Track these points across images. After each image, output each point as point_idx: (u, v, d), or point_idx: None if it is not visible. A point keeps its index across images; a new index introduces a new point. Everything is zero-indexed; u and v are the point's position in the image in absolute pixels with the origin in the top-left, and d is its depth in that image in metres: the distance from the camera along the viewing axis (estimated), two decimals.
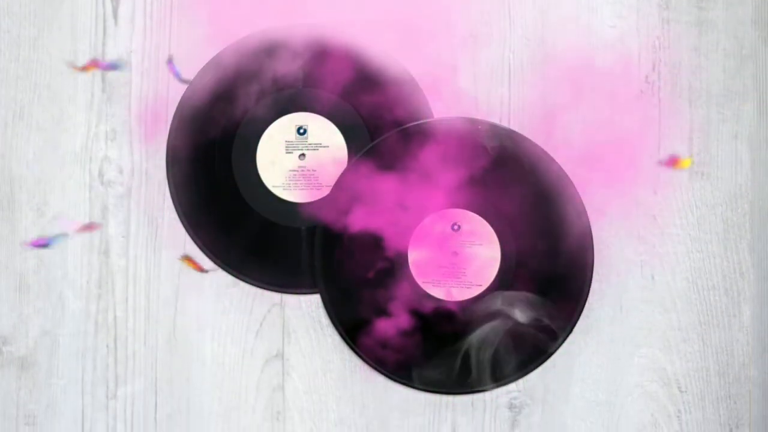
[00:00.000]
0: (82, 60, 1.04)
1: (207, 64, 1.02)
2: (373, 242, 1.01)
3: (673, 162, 1.01)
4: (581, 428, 1.02)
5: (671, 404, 1.02)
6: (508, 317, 0.99)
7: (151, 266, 1.03)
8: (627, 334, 1.02)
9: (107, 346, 1.03)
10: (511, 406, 1.02)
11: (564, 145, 1.01)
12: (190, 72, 1.03)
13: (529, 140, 1.00)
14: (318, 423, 1.02)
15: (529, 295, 1.00)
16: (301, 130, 1.03)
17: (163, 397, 1.03)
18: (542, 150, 1.00)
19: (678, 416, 1.02)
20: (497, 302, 1.00)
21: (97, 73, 1.04)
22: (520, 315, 0.99)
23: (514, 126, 1.01)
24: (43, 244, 0.99)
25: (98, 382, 1.03)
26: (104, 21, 1.04)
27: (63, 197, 1.04)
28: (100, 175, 1.04)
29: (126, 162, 1.04)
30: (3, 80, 1.04)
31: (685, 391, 1.02)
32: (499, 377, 1.00)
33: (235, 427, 1.02)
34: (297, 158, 1.03)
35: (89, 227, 1.03)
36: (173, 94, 1.03)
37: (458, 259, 1.01)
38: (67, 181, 1.04)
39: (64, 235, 1.03)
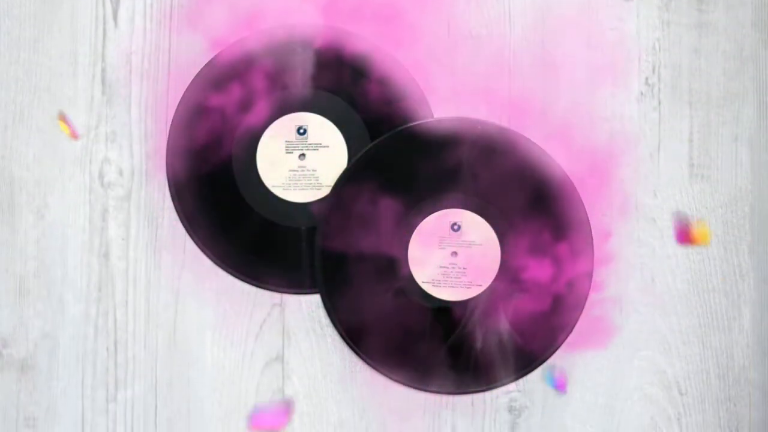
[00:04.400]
0: (83, 62, 1.04)
1: (207, 64, 1.02)
2: (373, 242, 1.01)
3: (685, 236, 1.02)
4: (581, 431, 1.02)
5: (671, 407, 1.02)
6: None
7: (151, 268, 1.03)
8: (627, 337, 1.02)
9: (107, 349, 1.03)
10: (510, 409, 1.02)
11: (564, 145, 1.01)
12: (189, 72, 1.03)
13: (529, 140, 1.00)
14: (318, 426, 1.02)
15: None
16: (301, 130, 1.03)
17: (163, 401, 1.02)
18: (542, 150, 1.00)
19: (678, 419, 1.02)
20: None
21: (97, 75, 1.04)
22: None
23: (514, 126, 1.01)
24: None
25: (98, 384, 1.03)
26: (104, 23, 1.04)
27: (63, 199, 1.04)
28: (100, 176, 1.04)
29: (126, 163, 1.04)
30: (3, 82, 1.04)
31: (685, 394, 1.02)
32: (497, 377, 1.01)
33: (234, 430, 1.02)
34: (297, 158, 1.03)
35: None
36: (173, 95, 1.03)
37: (458, 259, 1.01)
38: (67, 183, 1.04)
39: None
